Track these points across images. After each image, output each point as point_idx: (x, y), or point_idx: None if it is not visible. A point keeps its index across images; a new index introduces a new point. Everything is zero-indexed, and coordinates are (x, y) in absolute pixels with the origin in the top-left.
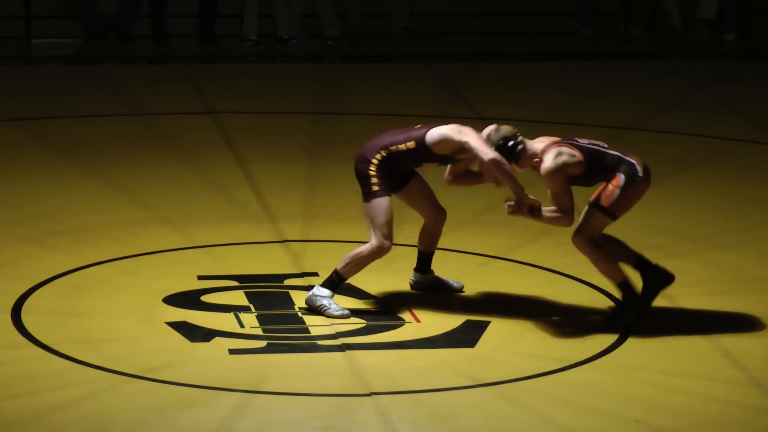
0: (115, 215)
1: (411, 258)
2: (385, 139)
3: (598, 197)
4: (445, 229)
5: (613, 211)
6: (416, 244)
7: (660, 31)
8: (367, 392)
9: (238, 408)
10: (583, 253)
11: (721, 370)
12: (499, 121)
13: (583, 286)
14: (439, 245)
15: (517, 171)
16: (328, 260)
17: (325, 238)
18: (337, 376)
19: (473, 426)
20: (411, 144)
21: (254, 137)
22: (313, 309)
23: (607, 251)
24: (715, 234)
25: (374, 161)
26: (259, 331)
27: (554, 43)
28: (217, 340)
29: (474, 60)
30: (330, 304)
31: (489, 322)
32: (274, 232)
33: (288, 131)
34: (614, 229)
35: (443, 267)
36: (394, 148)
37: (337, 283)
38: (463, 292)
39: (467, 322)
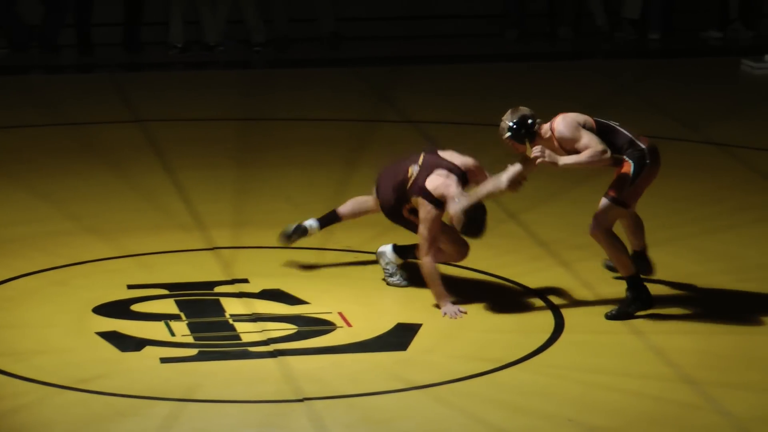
0: (44, 226)
1: (342, 263)
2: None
3: (611, 189)
4: (373, 233)
5: (625, 201)
6: (349, 248)
7: (585, 31)
8: (300, 398)
9: (170, 417)
10: (601, 245)
11: (652, 367)
12: (427, 124)
13: (514, 286)
14: (369, 249)
15: (528, 150)
16: (258, 266)
17: (255, 244)
18: (269, 382)
19: (407, 429)
20: None
21: (182, 145)
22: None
23: (622, 244)
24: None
25: None
26: (190, 339)
27: (481, 45)
28: (148, 349)
29: (401, 63)
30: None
31: (420, 325)
32: (204, 240)
33: (216, 138)
34: (546, 227)
35: (372, 272)
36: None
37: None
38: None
39: (399, 325)
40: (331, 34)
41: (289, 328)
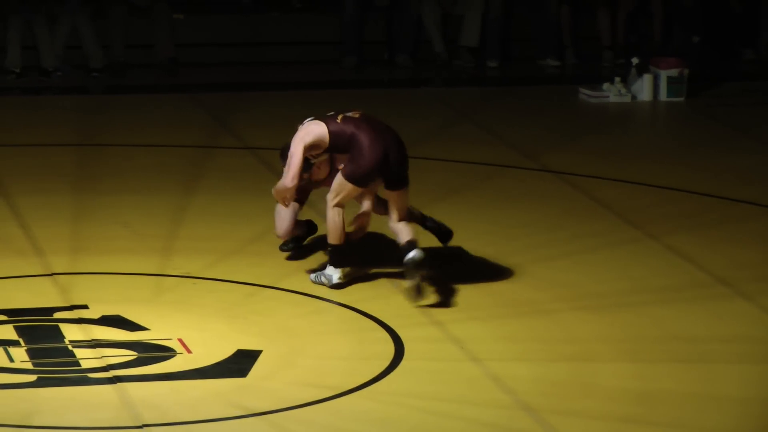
0: None
1: (181, 289)
2: None
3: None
4: (211, 259)
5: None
6: (188, 274)
7: (424, 59)
8: (139, 424)
9: None
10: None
11: (490, 394)
12: (265, 150)
13: (353, 312)
14: (208, 275)
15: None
16: (96, 292)
17: (93, 270)
18: (108, 408)
19: None
20: None
21: (19, 170)
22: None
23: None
24: (483, 259)
25: None
26: (29, 365)
27: (319, 72)
28: None
29: (239, 90)
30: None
31: (260, 352)
32: (42, 265)
33: (52, 163)
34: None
35: (211, 298)
36: None
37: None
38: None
39: (238, 351)
40: (168, 59)
41: (129, 355)
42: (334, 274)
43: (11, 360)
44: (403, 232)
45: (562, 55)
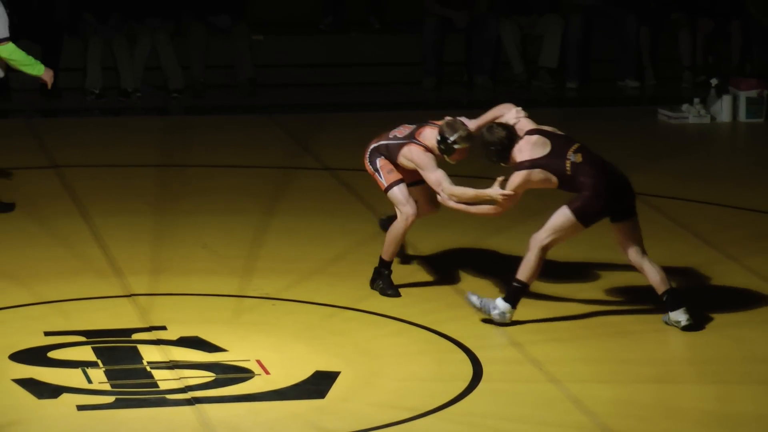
0: None
1: (260, 310)
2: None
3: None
4: (291, 280)
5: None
6: (267, 295)
7: (503, 80)
8: None
9: None
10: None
11: (569, 416)
12: (344, 171)
13: (431, 334)
14: (287, 296)
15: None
16: (175, 313)
17: (172, 291)
18: (186, 430)
19: None
20: None
21: (99, 191)
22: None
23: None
24: (562, 280)
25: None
26: (107, 387)
27: (398, 93)
28: (65, 396)
29: (318, 111)
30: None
31: (338, 373)
32: (121, 286)
33: (133, 184)
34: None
35: (290, 319)
36: None
37: None
38: None
39: (317, 373)
40: (248, 80)
41: (207, 376)
42: (507, 311)
43: (89, 381)
44: (652, 273)
45: (642, 76)
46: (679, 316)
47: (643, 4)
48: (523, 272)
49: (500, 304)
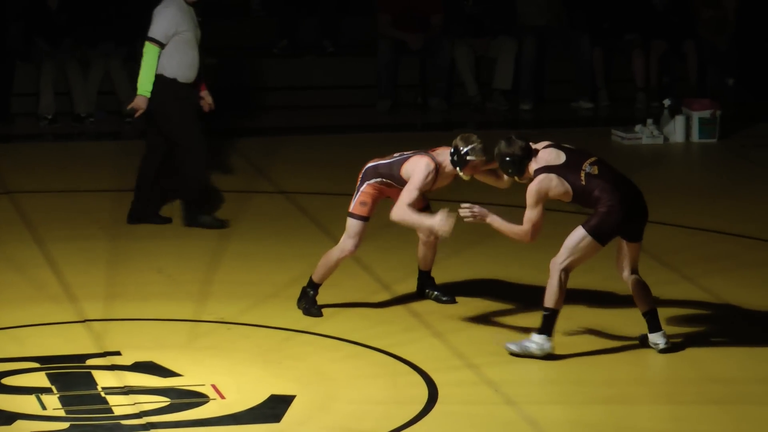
0: None
1: (215, 335)
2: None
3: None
4: (246, 304)
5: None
6: (223, 319)
7: (457, 102)
8: None
9: None
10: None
11: None
12: (300, 194)
13: (387, 357)
14: (243, 320)
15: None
16: (130, 338)
17: (127, 316)
18: None
19: None
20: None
21: (53, 216)
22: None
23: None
24: (516, 302)
25: None
26: (61, 413)
27: (353, 115)
28: (19, 423)
29: (273, 134)
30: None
31: (294, 397)
32: (75, 312)
33: (87, 209)
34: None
35: (246, 343)
36: None
37: None
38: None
39: (272, 396)
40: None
41: (162, 401)
42: (546, 343)
43: (43, 408)
44: (639, 291)
45: (595, 97)
46: (658, 339)
47: (596, 26)
48: (549, 298)
49: (536, 338)
